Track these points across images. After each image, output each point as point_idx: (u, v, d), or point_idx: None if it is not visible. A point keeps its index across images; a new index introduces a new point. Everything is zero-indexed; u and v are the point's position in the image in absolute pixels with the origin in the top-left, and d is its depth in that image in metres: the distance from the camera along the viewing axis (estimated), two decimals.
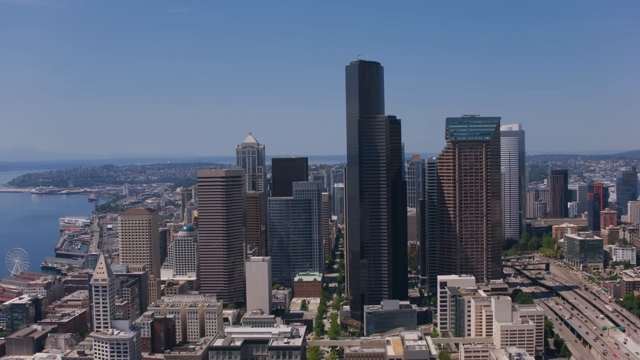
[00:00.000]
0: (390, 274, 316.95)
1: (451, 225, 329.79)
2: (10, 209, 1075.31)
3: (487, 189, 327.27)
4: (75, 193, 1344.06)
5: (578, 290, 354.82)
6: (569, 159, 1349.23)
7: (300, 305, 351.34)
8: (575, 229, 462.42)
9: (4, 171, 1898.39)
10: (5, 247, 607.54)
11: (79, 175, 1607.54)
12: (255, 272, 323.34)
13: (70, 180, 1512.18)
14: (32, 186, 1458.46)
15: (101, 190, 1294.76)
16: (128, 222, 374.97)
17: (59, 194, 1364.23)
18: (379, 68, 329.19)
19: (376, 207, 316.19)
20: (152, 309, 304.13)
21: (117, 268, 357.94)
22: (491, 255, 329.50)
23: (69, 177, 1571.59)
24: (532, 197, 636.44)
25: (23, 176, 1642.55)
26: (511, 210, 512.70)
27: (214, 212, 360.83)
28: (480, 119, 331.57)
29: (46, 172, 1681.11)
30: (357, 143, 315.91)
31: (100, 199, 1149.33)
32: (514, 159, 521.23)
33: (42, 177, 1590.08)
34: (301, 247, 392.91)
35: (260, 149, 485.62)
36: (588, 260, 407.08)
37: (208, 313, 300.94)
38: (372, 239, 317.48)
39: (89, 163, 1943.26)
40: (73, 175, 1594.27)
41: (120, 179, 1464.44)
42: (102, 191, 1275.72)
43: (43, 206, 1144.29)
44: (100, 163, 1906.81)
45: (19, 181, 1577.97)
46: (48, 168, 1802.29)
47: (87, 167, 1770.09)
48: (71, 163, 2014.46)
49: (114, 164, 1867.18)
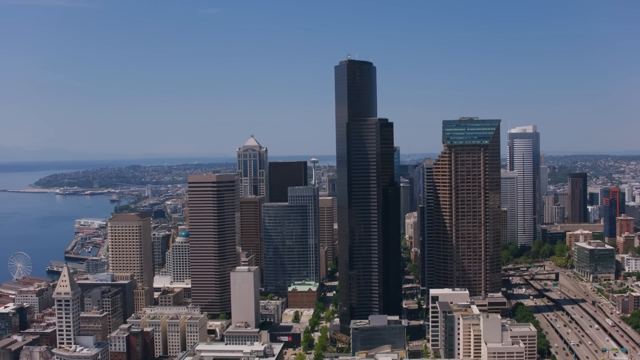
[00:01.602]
0: (381, 286, 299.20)
1: (447, 235, 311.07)
2: (32, 209, 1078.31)
3: (485, 196, 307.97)
4: (99, 194, 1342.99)
5: (585, 304, 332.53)
6: (598, 159, 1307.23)
7: (292, 317, 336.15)
8: (589, 236, 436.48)
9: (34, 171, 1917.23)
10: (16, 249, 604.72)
11: (104, 175, 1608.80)
12: (240, 283, 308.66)
13: (95, 181, 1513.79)
14: (58, 187, 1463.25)
15: (124, 191, 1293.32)
16: (117, 228, 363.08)
17: (82, 194, 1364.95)
18: (371, 68, 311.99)
19: (365, 215, 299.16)
20: (131, 321, 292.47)
21: (101, 277, 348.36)
22: (490, 267, 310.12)
23: (94, 177, 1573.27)
24: (551, 201, 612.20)
25: (49, 176, 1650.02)
26: (525, 215, 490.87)
27: (205, 219, 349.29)
28: (478, 122, 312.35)
29: (72, 173, 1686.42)
30: (345, 148, 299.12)
31: (122, 200, 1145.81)
32: (528, 161, 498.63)
33: (67, 178, 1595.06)
34: (297, 255, 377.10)
35: (262, 152, 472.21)
36: (599, 271, 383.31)
37: (190, 326, 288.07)
38: (361, 249, 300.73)
39: (118, 163, 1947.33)
40: (99, 176, 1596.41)
41: (145, 180, 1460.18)
42: (124, 192, 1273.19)
43: (64, 207, 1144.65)
44: (131, 163, 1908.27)
45: (45, 182, 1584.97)
46: (78, 168, 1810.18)
47: (114, 167, 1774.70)
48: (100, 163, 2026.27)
49: (141, 164, 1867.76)
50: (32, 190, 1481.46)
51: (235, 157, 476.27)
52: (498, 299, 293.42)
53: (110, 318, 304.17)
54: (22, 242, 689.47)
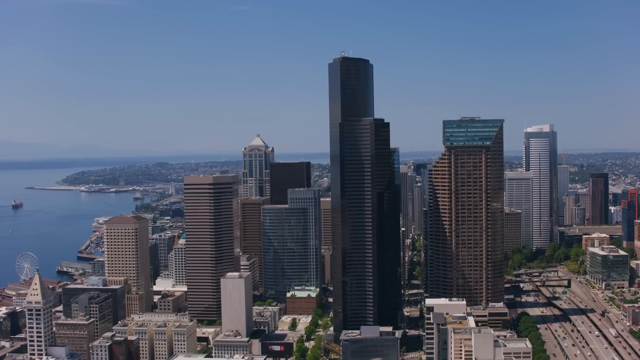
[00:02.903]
0: (376, 295, 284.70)
1: (447, 241, 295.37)
2: (55, 207, 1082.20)
3: (487, 201, 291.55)
4: (123, 191, 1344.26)
5: (593, 314, 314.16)
6: (629, 157, 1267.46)
7: (290, 324, 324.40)
8: (605, 239, 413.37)
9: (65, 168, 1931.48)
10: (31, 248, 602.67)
11: (131, 173, 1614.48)
12: (230, 290, 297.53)
13: (121, 178, 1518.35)
14: (84, 184, 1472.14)
15: (148, 188, 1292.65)
16: (113, 231, 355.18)
17: (107, 192, 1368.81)
18: (367, 65, 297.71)
19: (359, 220, 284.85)
20: (117, 328, 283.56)
21: (93, 281, 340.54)
22: (492, 275, 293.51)
23: (120, 175, 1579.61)
24: (572, 202, 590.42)
25: (77, 174, 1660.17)
26: (541, 217, 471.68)
27: (201, 222, 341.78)
28: (480, 122, 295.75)
29: (100, 170, 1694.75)
30: (338, 149, 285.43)
31: (145, 197, 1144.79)
32: (545, 161, 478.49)
33: (94, 175, 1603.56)
34: (297, 259, 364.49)
35: (268, 152, 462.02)
36: (612, 278, 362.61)
37: (177, 334, 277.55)
38: (354, 256, 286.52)
39: (148, 160, 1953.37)
40: (125, 173, 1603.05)
41: (171, 177, 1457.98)
42: (148, 190, 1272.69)
43: (87, 205, 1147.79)
44: (161, 160, 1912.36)
45: (72, 179, 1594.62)
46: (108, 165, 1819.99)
47: (141, 164, 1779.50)
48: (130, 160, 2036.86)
49: (170, 161, 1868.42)
50: (58, 188, 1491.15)
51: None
52: (499, 309, 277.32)
53: (98, 325, 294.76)
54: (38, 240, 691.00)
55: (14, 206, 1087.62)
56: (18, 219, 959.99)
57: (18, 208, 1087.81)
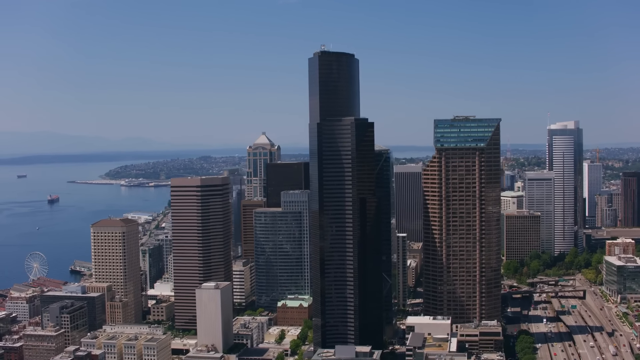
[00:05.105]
0: (357, 309, 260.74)
1: (436, 251, 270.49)
2: (90, 202, 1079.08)
3: (481, 208, 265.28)
4: (162, 185, 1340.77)
5: (601, 333, 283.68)
6: None
7: (277, 336, 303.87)
8: (630, 245, 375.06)
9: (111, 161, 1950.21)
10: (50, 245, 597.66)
11: (173, 166, 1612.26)
12: (206, 302, 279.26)
13: (162, 172, 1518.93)
14: (125, 178, 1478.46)
15: None
16: (100, 235, 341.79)
17: (146, 186, 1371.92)
18: (352, 60, 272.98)
19: (340, 228, 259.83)
20: (85, 341, 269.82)
21: (71, 289, 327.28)
22: (485, 290, 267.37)
23: (161, 169, 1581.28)
24: (605, 202, 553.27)
25: (119, 167, 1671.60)
26: (565, 219, 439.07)
27: (187, 227, 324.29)
28: (474, 121, 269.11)
29: (142, 164, 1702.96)
30: (316, 151, 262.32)
31: None
32: (569, 160, 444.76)
33: (135, 169, 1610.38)
34: (291, 266, 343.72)
35: (274, 151, 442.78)
36: (627, 291, 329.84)
37: (147, 349, 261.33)
38: (333, 265, 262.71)
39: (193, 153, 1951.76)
40: (167, 167, 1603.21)
41: (213, 171, 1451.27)
42: None
43: (123, 200, 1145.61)
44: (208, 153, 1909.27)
45: (114, 173, 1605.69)
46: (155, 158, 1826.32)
47: (185, 158, 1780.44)
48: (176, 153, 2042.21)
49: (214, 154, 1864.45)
50: (99, 182, 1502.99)
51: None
52: (492, 327, 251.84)
53: (70, 336, 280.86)
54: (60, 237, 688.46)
55: (50, 201, 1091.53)
56: (52, 214, 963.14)
57: (54, 203, 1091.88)
